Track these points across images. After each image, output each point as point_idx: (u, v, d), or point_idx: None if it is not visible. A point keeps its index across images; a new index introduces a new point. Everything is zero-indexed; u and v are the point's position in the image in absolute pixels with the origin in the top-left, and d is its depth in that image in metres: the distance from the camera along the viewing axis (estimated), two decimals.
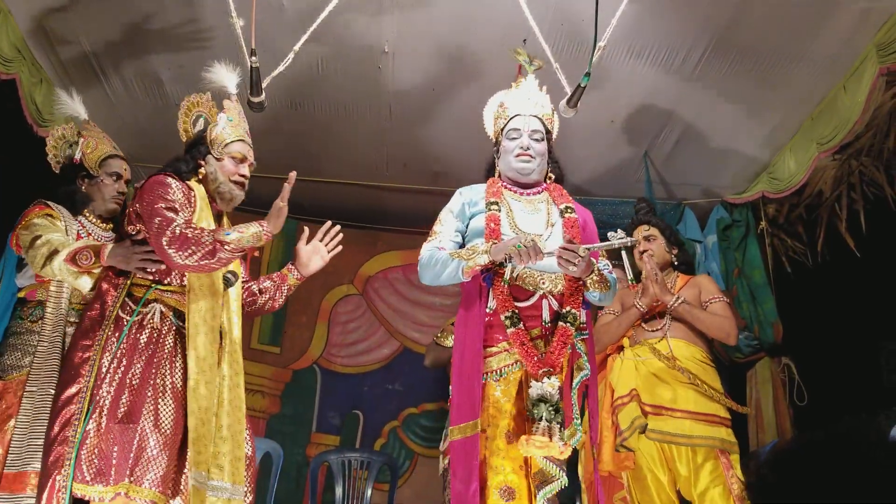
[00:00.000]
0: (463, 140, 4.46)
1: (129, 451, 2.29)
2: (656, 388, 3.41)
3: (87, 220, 3.13)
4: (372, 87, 4.02)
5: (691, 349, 3.48)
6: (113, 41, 3.73)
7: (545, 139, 2.81)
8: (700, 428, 3.29)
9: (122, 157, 3.25)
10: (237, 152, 2.77)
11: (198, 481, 2.34)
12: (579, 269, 2.48)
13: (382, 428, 5.30)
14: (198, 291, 2.52)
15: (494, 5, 3.37)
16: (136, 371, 2.42)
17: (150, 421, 2.35)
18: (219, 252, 2.40)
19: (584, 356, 2.65)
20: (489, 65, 3.80)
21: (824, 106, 3.89)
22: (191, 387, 2.41)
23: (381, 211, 5.41)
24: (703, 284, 3.64)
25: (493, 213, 2.70)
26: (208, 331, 2.49)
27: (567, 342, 2.55)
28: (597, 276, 2.61)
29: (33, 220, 2.92)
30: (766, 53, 3.66)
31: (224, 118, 2.81)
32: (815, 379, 4.27)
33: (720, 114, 4.13)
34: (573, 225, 2.71)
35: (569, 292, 2.61)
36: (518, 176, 2.79)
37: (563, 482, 2.43)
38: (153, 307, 2.54)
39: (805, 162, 4.08)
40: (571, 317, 2.58)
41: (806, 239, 4.76)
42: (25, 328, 2.99)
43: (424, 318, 5.48)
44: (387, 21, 3.55)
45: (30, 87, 3.69)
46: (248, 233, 2.47)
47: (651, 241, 3.71)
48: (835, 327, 4.40)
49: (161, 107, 4.21)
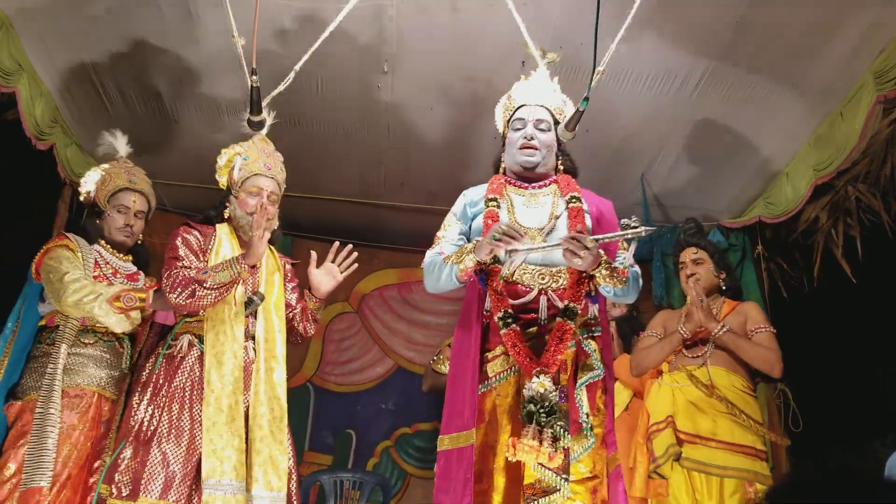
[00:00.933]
0: (460, 160, 4.48)
1: (156, 469, 2.58)
2: (693, 416, 3.32)
3: (104, 249, 3.27)
4: (370, 107, 4.04)
5: (731, 378, 3.38)
6: (113, 56, 3.74)
7: (553, 130, 2.68)
8: (735, 459, 3.20)
9: (136, 190, 3.34)
10: (252, 187, 2.95)
11: (209, 487, 2.57)
12: (585, 262, 2.32)
13: (375, 447, 5.27)
14: (213, 319, 2.79)
15: (493, 28, 3.39)
16: (165, 395, 2.71)
17: (173, 440, 2.63)
18: (197, 291, 2.66)
19: (595, 355, 2.47)
20: (488, 86, 3.81)
21: (821, 132, 3.90)
22: (204, 405, 2.67)
23: (377, 229, 5.41)
24: (749, 313, 3.52)
25: (491, 210, 2.60)
26: (217, 355, 2.73)
27: (565, 339, 2.38)
28: (606, 270, 2.42)
29: (55, 254, 3.09)
30: (764, 79, 3.68)
31: (239, 160, 3.01)
32: (811, 405, 4.25)
33: (717, 138, 4.15)
34: (577, 214, 2.56)
35: (570, 286, 2.45)
36: (522, 169, 2.67)
37: (565, 493, 2.25)
38: (183, 338, 2.83)
39: (802, 188, 4.09)
40: (570, 312, 2.41)
41: (802, 264, 4.77)
42: (42, 351, 3.10)
43: (419, 337, 5.47)
44: (386, 41, 3.57)
45: (29, 101, 3.69)
46: (224, 272, 2.70)
47: (699, 264, 3.61)
48: (831, 353, 4.39)
49: (160, 121, 4.22)
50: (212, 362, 2.72)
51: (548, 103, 2.71)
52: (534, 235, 2.53)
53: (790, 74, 3.64)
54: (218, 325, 2.78)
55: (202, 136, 4.37)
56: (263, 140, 3.06)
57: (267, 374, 2.83)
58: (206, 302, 2.70)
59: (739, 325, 3.46)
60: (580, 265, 2.35)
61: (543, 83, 2.75)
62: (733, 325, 3.43)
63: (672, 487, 3.29)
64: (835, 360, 4.36)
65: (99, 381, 3.10)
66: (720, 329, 3.35)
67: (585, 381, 2.43)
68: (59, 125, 4.05)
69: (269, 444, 2.72)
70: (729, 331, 3.36)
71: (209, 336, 2.76)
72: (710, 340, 3.45)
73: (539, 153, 2.64)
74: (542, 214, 2.60)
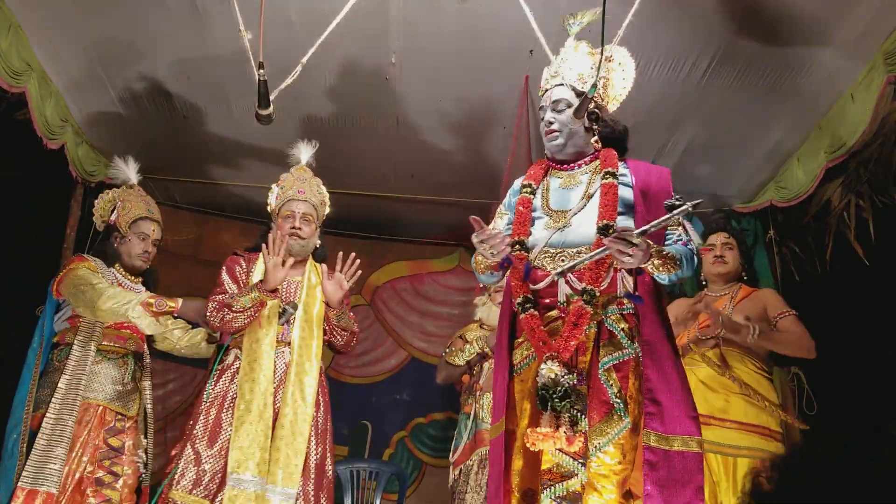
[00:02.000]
0: (470, 151, 4.47)
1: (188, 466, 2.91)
2: (706, 396, 3.34)
3: (118, 273, 3.52)
4: (379, 99, 4.04)
5: (745, 359, 3.44)
6: (121, 54, 3.76)
7: (576, 103, 2.54)
8: (748, 439, 3.24)
9: (154, 219, 3.61)
10: (286, 211, 3.31)
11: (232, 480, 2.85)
12: (635, 258, 2.21)
13: (391, 438, 5.30)
14: (250, 330, 3.12)
15: (501, 17, 3.38)
16: (207, 401, 3.05)
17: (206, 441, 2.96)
18: (226, 315, 3.04)
19: (622, 334, 2.34)
20: (496, 75, 3.81)
21: (832, 115, 3.88)
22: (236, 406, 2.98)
23: (388, 221, 5.42)
24: (768, 299, 3.59)
25: (524, 197, 2.59)
26: (251, 362, 3.04)
27: (581, 323, 2.29)
28: (658, 260, 2.29)
29: (81, 271, 3.32)
30: (774, 62, 3.66)
31: (277, 189, 3.39)
32: (825, 388, 4.24)
33: (727, 123, 4.13)
34: (609, 191, 2.43)
35: (588, 268, 2.35)
36: (551, 154, 2.64)
37: (582, 478, 2.20)
38: (231, 352, 3.16)
39: (813, 171, 4.07)
40: (588, 295, 2.32)
41: (814, 248, 4.73)
42: (54, 367, 3.33)
43: (432, 329, 5.49)
44: (394, 33, 3.57)
45: (39, 100, 3.71)
46: (246, 297, 3.05)
47: (730, 249, 3.70)
48: (844, 336, 4.37)
49: (169, 119, 4.23)
50: (245, 368, 3.03)
51: (566, 80, 2.61)
52: (559, 218, 2.49)
53: (800, 57, 3.61)
54: (252, 335, 3.10)
55: (211, 132, 4.38)
56: (301, 169, 3.43)
57: (297, 378, 3.07)
58: (237, 323, 3.05)
59: (758, 311, 3.51)
60: (631, 263, 2.26)
61: (564, 60, 2.65)
62: (751, 310, 3.49)
63: None
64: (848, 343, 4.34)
65: (105, 395, 3.33)
66: (753, 333, 3.32)
67: (610, 362, 2.32)
68: (69, 124, 4.07)
69: (289, 443, 2.94)
70: (761, 332, 3.35)
71: (245, 345, 3.09)
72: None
73: (561, 135, 2.58)
74: (577, 195, 2.53)
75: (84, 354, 3.29)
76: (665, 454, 2.26)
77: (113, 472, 3.28)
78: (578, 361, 2.33)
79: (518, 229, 2.55)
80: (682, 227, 2.44)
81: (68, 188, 4.47)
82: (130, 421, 3.41)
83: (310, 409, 3.04)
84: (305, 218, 3.29)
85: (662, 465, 2.25)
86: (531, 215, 2.56)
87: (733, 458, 3.24)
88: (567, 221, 2.46)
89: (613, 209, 2.42)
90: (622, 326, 2.36)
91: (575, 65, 2.63)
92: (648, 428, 2.28)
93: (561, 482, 2.21)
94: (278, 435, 2.95)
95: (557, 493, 2.20)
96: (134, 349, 3.49)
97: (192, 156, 4.65)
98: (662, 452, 2.26)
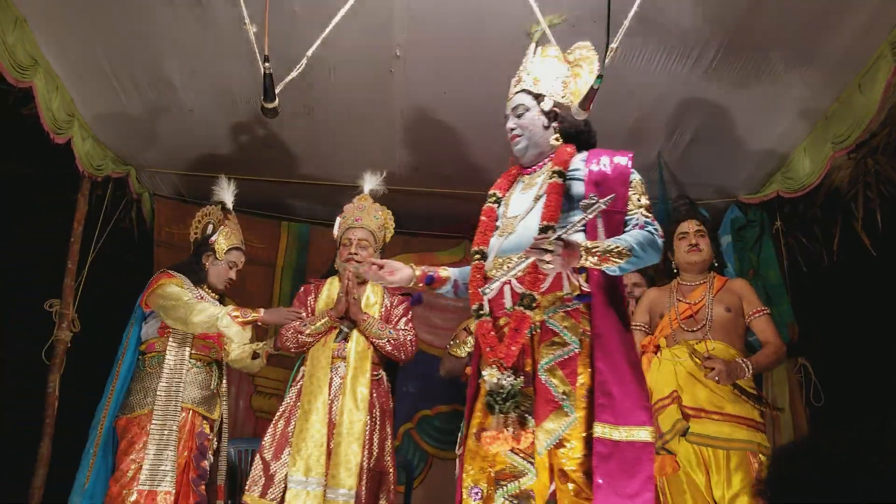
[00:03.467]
0: (475, 143, 4.47)
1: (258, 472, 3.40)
2: (695, 389, 3.38)
3: (204, 291, 3.84)
4: (384, 91, 4.03)
5: (730, 351, 3.45)
6: (126, 47, 3.75)
7: (533, 108, 2.62)
8: (738, 431, 3.26)
9: (243, 251, 3.99)
10: (345, 239, 3.74)
11: (293, 482, 3.28)
12: (555, 264, 2.18)
13: (397, 430, 5.30)
14: (309, 352, 3.61)
15: (505, 9, 3.37)
16: (284, 415, 3.52)
17: (275, 448, 3.43)
18: (300, 338, 3.58)
19: (565, 332, 2.34)
20: (500, 68, 3.78)
21: (839, 104, 3.86)
22: (298, 415, 3.44)
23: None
24: (744, 294, 3.60)
25: (488, 207, 2.69)
26: (311, 377, 3.51)
27: (521, 328, 2.33)
28: (594, 258, 2.25)
29: (171, 288, 3.64)
30: (780, 52, 3.64)
31: (339, 220, 3.81)
32: (832, 379, 4.24)
33: (734, 113, 4.11)
34: (552, 191, 2.44)
35: (526, 273, 2.35)
36: (518, 159, 2.71)
37: (531, 476, 2.26)
38: (301, 369, 3.62)
39: (820, 161, 4.05)
40: (528, 300, 2.35)
41: (821, 238, 4.72)
42: (146, 373, 3.64)
43: (437, 321, 5.48)
44: (398, 25, 3.56)
45: (46, 95, 3.72)
46: (318, 322, 3.58)
47: (703, 237, 3.68)
48: (851, 327, 4.36)
49: (174, 113, 4.24)
50: (307, 381, 3.49)
51: (524, 84, 2.67)
52: (508, 225, 2.55)
53: (806, 47, 3.59)
54: (313, 352, 3.57)
55: (217, 125, 4.39)
56: (362, 198, 3.86)
57: (352, 389, 3.46)
58: (307, 346, 3.57)
59: (734, 303, 3.55)
60: (553, 269, 2.27)
61: (522, 66, 2.74)
62: (727, 301, 3.54)
63: (682, 463, 3.32)
64: (856, 334, 4.33)
65: (194, 400, 3.64)
66: (748, 369, 3.33)
67: (552, 361, 2.33)
68: (75, 119, 4.08)
69: (345, 448, 3.33)
70: (753, 365, 3.36)
71: (308, 360, 3.57)
72: (707, 315, 3.51)
73: (522, 139, 2.64)
74: (528, 199, 2.56)
75: (179, 362, 3.62)
76: (615, 445, 2.27)
77: (203, 471, 3.62)
78: (525, 364, 2.37)
79: (478, 238, 2.63)
80: (641, 210, 2.43)
81: (75, 183, 4.48)
82: (213, 424, 3.74)
83: (363, 416, 3.42)
84: (361, 244, 3.70)
85: (613, 455, 2.26)
86: (494, 224, 2.63)
87: (724, 451, 3.25)
88: (513, 228, 2.51)
89: (556, 209, 2.42)
90: (565, 324, 2.37)
91: (532, 69, 2.70)
92: (599, 420, 2.28)
93: (513, 481, 2.27)
94: (336, 441, 3.35)
95: (510, 491, 2.26)
96: (216, 357, 3.82)
97: (198, 149, 4.65)
98: (613, 443, 2.27)
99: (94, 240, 4.54)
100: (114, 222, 4.78)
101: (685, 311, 3.59)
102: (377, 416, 3.52)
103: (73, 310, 4.30)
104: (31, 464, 3.98)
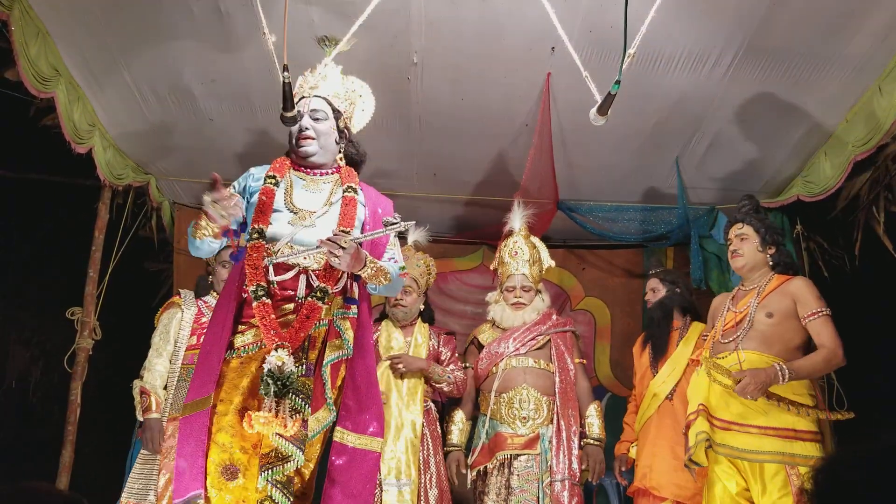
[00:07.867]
0: (492, 149, 4.47)
1: None
2: (727, 402, 3.27)
3: (214, 299, 3.85)
4: (401, 98, 4.05)
5: (765, 359, 3.25)
6: (146, 57, 3.79)
7: (331, 118, 2.82)
8: (769, 443, 3.15)
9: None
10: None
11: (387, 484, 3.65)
12: (342, 261, 2.44)
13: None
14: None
15: (522, 15, 3.38)
16: None
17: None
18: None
19: (345, 334, 2.63)
20: (518, 73, 3.80)
21: (859, 108, 3.82)
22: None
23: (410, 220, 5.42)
24: (799, 295, 3.36)
25: (268, 187, 2.73)
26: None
27: (311, 317, 2.52)
28: (371, 270, 2.57)
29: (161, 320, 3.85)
30: (798, 55, 3.61)
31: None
32: (855, 385, 4.19)
33: (752, 117, 4.08)
34: (350, 203, 2.71)
35: (326, 268, 2.59)
36: (300, 160, 2.80)
37: (298, 461, 2.39)
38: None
39: (841, 165, 4.00)
40: (321, 292, 2.55)
41: (843, 243, 4.68)
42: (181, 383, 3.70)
43: (455, 327, 5.44)
44: (415, 33, 3.57)
45: (67, 105, 3.76)
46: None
47: (743, 240, 3.56)
48: (874, 331, 4.31)
49: (195, 122, 4.27)
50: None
51: (324, 93, 2.83)
52: (305, 216, 2.66)
53: (825, 50, 3.56)
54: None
55: (237, 134, 4.41)
56: (406, 248, 4.04)
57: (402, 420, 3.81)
58: None
59: (786, 307, 3.35)
60: (339, 265, 2.48)
61: (321, 75, 2.88)
62: (777, 305, 3.35)
63: (718, 475, 3.25)
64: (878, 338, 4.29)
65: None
66: (783, 375, 3.13)
67: (334, 359, 2.60)
68: (96, 128, 4.12)
69: (411, 450, 3.73)
70: (791, 374, 3.14)
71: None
72: (746, 323, 3.37)
73: (315, 143, 2.78)
74: (319, 199, 2.74)
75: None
76: (351, 451, 2.60)
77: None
78: (309, 356, 2.53)
79: (258, 217, 2.67)
80: (395, 248, 2.72)
81: (96, 192, 4.53)
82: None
83: (420, 430, 3.80)
84: (406, 290, 3.92)
85: (346, 461, 2.57)
86: (272, 206, 2.69)
87: (759, 463, 3.17)
88: (312, 222, 2.63)
89: (352, 219, 2.69)
90: (345, 327, 2.65)
91: (332, 84, 2.89)
92: (340, 425, 2.61)
93: (279, 465, 2.38)
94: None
95: (275, 475, 2.38)
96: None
97: (218, 158, 4.68)
98: (348, 449, 2.60)
99: (114, 248, 4.58)
100: (134, 231, 4.83)
101: (730, 320, 3.48)
102: (427, 443, 3.91)
103: (95, 317, 4.34)
104: (54, 471, 4.01)
